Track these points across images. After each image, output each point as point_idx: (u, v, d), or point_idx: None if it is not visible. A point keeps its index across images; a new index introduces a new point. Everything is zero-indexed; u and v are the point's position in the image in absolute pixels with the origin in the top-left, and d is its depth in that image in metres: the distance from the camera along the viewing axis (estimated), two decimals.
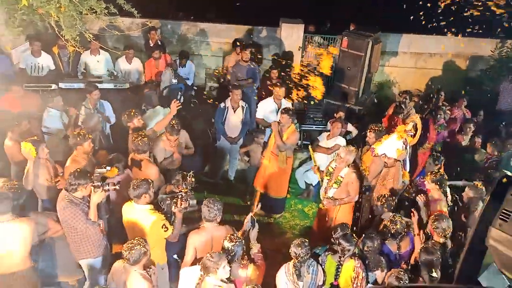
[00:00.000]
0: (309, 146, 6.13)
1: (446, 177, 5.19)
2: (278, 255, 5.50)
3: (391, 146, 5.29)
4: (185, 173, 4.74)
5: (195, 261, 4.21)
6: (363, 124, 7.19)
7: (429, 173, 5.21)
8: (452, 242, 4.52)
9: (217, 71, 9.07)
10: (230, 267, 3.82)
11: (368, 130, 5.88)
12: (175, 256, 4.76)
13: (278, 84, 7.06)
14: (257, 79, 7.79)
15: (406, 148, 5.37)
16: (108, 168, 4.57)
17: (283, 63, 8.44)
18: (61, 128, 6.01)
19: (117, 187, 4.39)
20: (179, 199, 4.29)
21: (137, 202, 4.31)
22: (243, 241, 4.07)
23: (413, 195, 5.51)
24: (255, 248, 4.26)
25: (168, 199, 4.38)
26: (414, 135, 5.56)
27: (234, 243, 3.91)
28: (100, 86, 6.66)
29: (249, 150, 6.64)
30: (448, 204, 5.05)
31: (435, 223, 4.37)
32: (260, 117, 6.94)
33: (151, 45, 8.20)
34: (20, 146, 4.78)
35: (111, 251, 4.79)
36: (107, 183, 4.32)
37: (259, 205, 4.80)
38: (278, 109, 6.70)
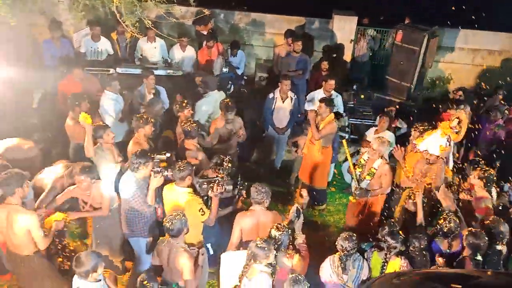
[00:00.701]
0: (343, 140, 5.99)
1: (495, 178, 5.01)
2: (321, 248, 5.52)
3: (434, 142, 5.14)
4: (222, 157, 4.83)
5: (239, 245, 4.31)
6: (414, 120, 7.02)
7: (477, 169, 5.05)
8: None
9: (267, 61, 9.12)
10: (276, 255, 3.87)
11: (413, 129, 5.75)
12: (208, 245, 4.82)
13: (328, 76, 7.02)
14: (307, 70, 7.77)
15: (449, 145, 5.21)
16: (168, 154, 4.74)
17: (334, 55, 8.36)
18: (117, 111, 6.27)
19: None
20: (215, 184, 4.37)
21: (178, 184, 4.42)
22: (290, 230, 4.11)
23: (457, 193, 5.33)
24: (300, 238, 4.29)
25: (205, 183, 4.44)
26: (459, 132, 5.37)
27: (281, 232, 3.95)
28: (155, 72, 6.87)
29: (297, 141, 6.66)
30: (493, 203, 4.88)
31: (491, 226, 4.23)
32: (309, 108, 6.93)
33: (204, 33, 8.34)
34: (80, 127, 5.08)
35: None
36: (166, 169, 4.44)
37: (306, 197, 4.72)
38: None
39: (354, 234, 4.08)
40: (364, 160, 5.43)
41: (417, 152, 5.31)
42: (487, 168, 5.06)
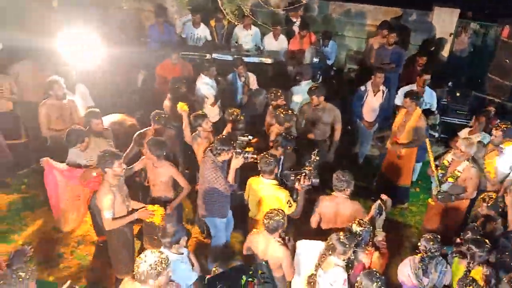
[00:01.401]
0: (426, 139, 5.62)
1: None
2: (400, 247, 5.44)
3: None
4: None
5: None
6: None
7: None
8: None
9: (358, 53, 8.99)
10: (355, 251, 3.89)
11: (495, 128, 5.34)
12: None
13: (423, 71, 6.77)
14: (401, 64, 7.56)
15: None
16: (251, 137, 4.92)
17: (432, 49, 8.01)
18: (211, 95, 6.58)
19: (255, 156, 4.59)
20: (302, 177, 4.38)
21: (264, 176, 4.52)
22: (371, 227, 4.09)
23: None
24: (380, 236, 4.24)
25: (292, 175, 4.44)
26: None
27: (363, 228, 3.94)
28: (246, 59, 7.12)
29: (384, 136, 6.55)
30: None
31: None
32: (400, 103, 6.77)
33: (295, 22, 8.40)
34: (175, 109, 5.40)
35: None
36: (247, 152, 4.59)
37: (388, 200, 4.56)
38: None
39: (439, 236, 3.97)
40: (448, 162, 5.16)
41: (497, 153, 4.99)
42: None
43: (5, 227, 5.70)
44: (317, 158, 4.68)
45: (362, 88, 6.73)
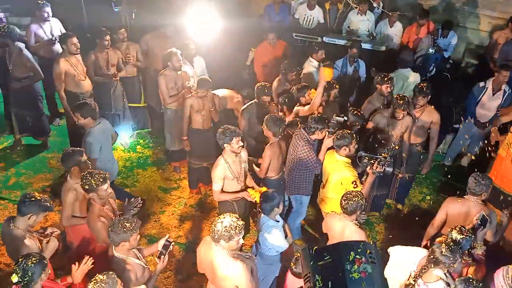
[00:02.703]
0: None
1: None
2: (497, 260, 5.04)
3: None
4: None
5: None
6: None
7: None
8: None
9: (479, 47, 8.33)
10: None
11: None
12: None
13: None
14: None
15: None
16: (346, 118, 4.89)
17: None
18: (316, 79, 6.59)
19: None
20: (376, 162, 4.30)
21: (337, 152, 4.54)
22: (473, 236, 3.83)
23: None
24: (480, 250, 3.96)
25: (367, 158, 4.38)
26: None
27: (464, 236, 3.70)
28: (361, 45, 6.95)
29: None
30: None
31: None
32: None
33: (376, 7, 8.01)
34: None
35: None
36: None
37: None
38: None
39: None
40: None
41: None
42: None
43: (120, 180, 6.35)
44: (397, 147, 4.66)
45: (481, 84, 6.25)
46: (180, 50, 5.93)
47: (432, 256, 3.49)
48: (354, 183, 4.39)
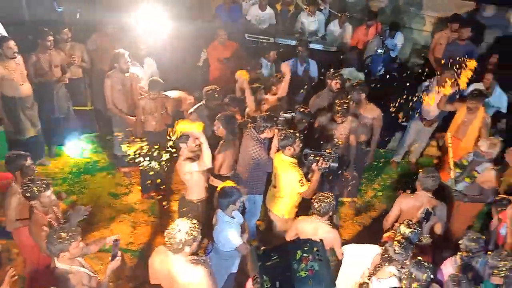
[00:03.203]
0: (448, 134, 5.50)
1: None
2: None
3: None
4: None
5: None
6: None
7: None
8: None
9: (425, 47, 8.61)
10: None
11: None
12: None
13: (491, 70, 6.46)
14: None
15: None
16: (293, 114, 4.93)
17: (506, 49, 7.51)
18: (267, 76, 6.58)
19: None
20: (321, 158, 4.34)
21: (283, 152, 4.50)
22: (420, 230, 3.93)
23: None
24: (426, 242, 4.10)
25: (312, 155, 4.40)
26: None
27: (411, 230, 3.79)
28: (310, 46, 7.04)
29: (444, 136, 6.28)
30: None
31: None
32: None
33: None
34: None
35: None
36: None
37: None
38: None
39: (482, 237, 3.83)
40: (467, 161, 4.97)
41: None
42: None
43: (66, 187, 6.08)
44: (340, 143, 4.78)
45: (426, 83, 6.45)
46: (128, 50, 5.76)
47: (386, 255, 3.57)
48: (301, 181, 4.40)
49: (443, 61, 6.99)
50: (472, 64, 5.47)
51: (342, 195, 6.03)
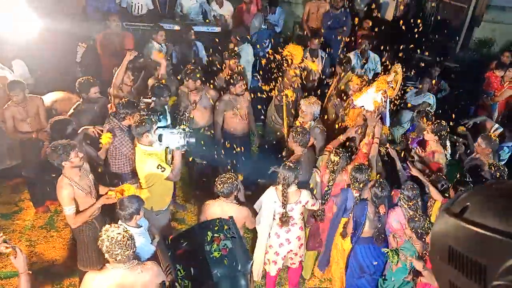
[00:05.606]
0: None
1: (448, 129, 4.82)
2: None
3: (370, 97, 4.70)
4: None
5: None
6: (458, 81, 6.81)
7: (429, 123, 4.86)
8: None
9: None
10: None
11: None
12: None
13: (364, 36, 6.88)
14: (348, 27, 7.59)
15: (385, 101, 4.71)
16: (154, 98, 4.74)
17: (376, 15, 8.09)
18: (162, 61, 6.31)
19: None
20: (177, 135, 3.95)
21: (139, 141, 4.17)
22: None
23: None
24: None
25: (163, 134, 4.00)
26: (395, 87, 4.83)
27: (339, 156, 4.29)
28: (194, 28, 6.89)
29: None
30: (447, 158, 4.76)
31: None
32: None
33: None
34: None
35: None
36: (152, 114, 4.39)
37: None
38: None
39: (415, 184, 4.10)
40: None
41: (354, 107, 5.02)
42: (438, 121, 4.78)
43: None
44: (191, 117, 4.77)
45: None
46: None
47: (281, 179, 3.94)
48: (159, 166, 4.09)
49: (323, 30, 7.34)
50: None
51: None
